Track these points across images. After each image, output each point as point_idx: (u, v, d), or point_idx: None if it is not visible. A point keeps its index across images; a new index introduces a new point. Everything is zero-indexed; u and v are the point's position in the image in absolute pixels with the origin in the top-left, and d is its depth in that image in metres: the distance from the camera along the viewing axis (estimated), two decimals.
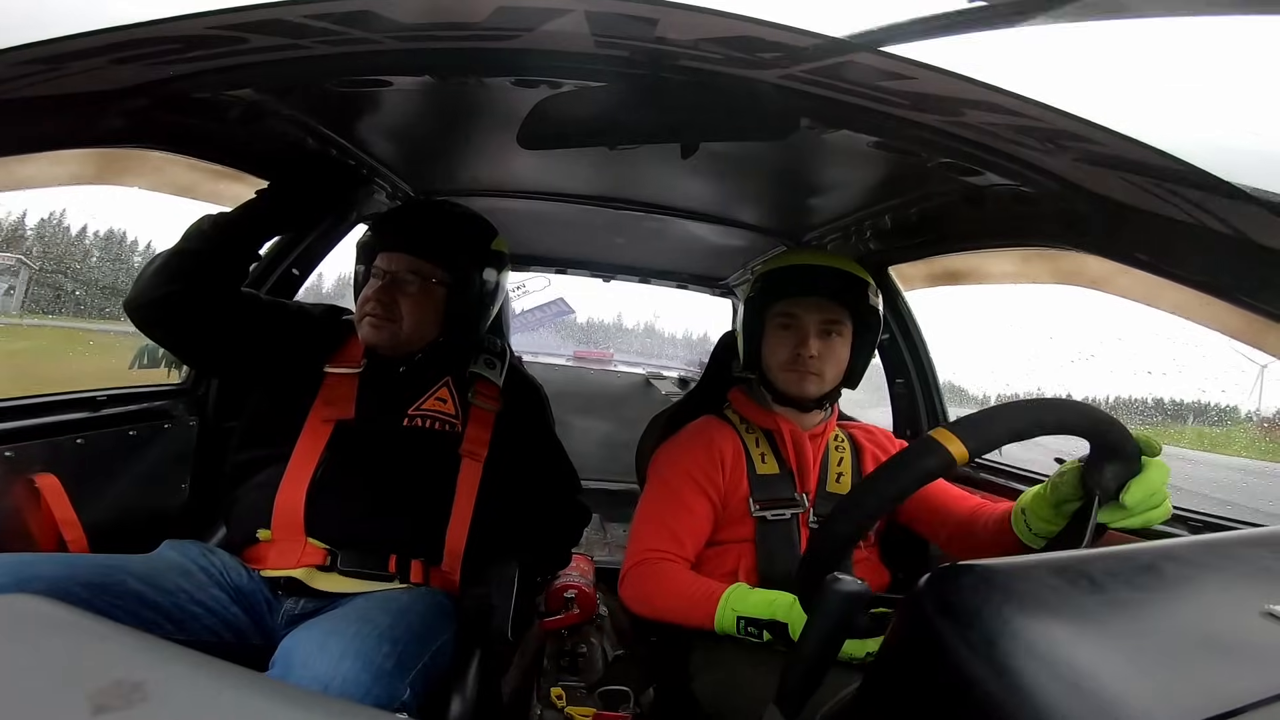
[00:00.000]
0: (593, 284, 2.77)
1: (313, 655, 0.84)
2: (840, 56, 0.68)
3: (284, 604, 1.10)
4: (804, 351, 1.15)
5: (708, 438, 1.22)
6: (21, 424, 1.11)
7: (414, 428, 1.25)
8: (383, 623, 0.93)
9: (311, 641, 0.86)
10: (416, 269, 1.24)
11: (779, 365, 1.19)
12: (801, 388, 1.18)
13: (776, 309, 1.19)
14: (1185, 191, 0.75)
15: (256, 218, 1.20)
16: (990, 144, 0.87)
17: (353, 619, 0.93)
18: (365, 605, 1.01)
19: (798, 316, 1.17)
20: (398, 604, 1.03)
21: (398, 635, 0.92)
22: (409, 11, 0.72)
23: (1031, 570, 0.46)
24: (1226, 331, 0.97)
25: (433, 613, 1.07)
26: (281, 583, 1.10)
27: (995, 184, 1.05)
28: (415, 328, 1.25)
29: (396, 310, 1.23)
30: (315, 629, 0.90)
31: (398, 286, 1.24)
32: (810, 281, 1.18)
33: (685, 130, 0.96)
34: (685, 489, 1.16)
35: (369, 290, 1.25)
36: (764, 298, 1.20)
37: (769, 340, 1.20)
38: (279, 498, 1.14)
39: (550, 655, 1.78)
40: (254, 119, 1.12)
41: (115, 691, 0.29)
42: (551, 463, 1.41)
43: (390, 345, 1.25)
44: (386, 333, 1.23)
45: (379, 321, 1.23)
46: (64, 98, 0.82)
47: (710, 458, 1.19)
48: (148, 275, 1.13)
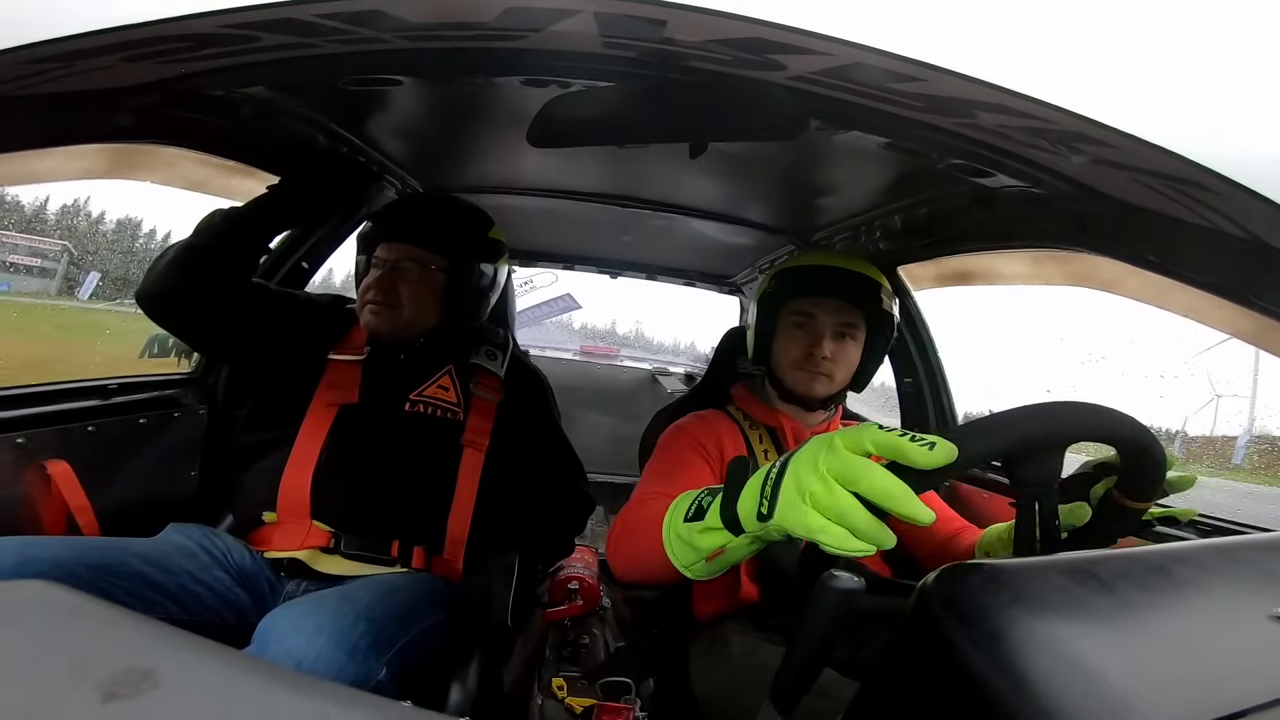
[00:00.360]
0: (600, 280, 2.77)
1: (288, 632, 0.85)
2: (850, 58, 0.68)
3: (286, 586, 1.12)
4: (818, 351, 1.15)
5: (710, 424, 1.23)
6: (34, 411, 1.13)
7: (416, 413, 1.27)
8: (362, 602, 0.94)
9: (288, 620, 0.87)
10: (416, 256, 1.28)
11: (790, 363, 1.18)
12: (810, 387, 1.17)
13: (792, 306, 1.19)
14: (1197, 193, 0.74)
15: (267, 213, 1.22)
16: (1002, 145, 0.87)
17: (332, 598, 0.94)
18: (353, 587, 1.03)
19: (814, 316, 1.17)
20: (387, 586, 1.04)
21: (375, 615, 0.93)
22: (419, 11, 0.72)
23: (1040, 570, 0.46)
24: (1238, 334, 0.96)
25: (422, 597, 1.08)
26: (285, 564, 1.13)
27: (1006, 185, 1.04)
28: (415, 313, 1.29)
29: (397, 296, 1.27)
30: (294, 608, 0.91)
31: (397, 274, 1.27)
32: (830, 282, 1.17)
33: (694, 130, 0.96)
34: (686, 453, 1.16)
35: (370, 279, 1.28)
36: (781, 294, 1.20)
37: (782, 337, 1.20)
38: (284, 480, 1.16)
39: (552, 645, 1.80)
40: (265, 116, 1.13)
41: (126, 679, 0.30)
42: (554, 452, 1.42)
43: (392, 331, 1.29)
44: (387, 319, 1.27)
45: (380, 308, 1.27)
46: (77, 94, 0.83)
47: (710, 436, 1.19)
48: (160, 267, 1.16)
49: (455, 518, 1.24)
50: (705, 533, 0.63)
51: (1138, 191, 0.83)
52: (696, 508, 0.66)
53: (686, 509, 0.67)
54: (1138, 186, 0.81)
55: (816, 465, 0.52)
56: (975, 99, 0.72)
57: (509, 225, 1.37)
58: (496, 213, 1.38)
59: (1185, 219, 0.81)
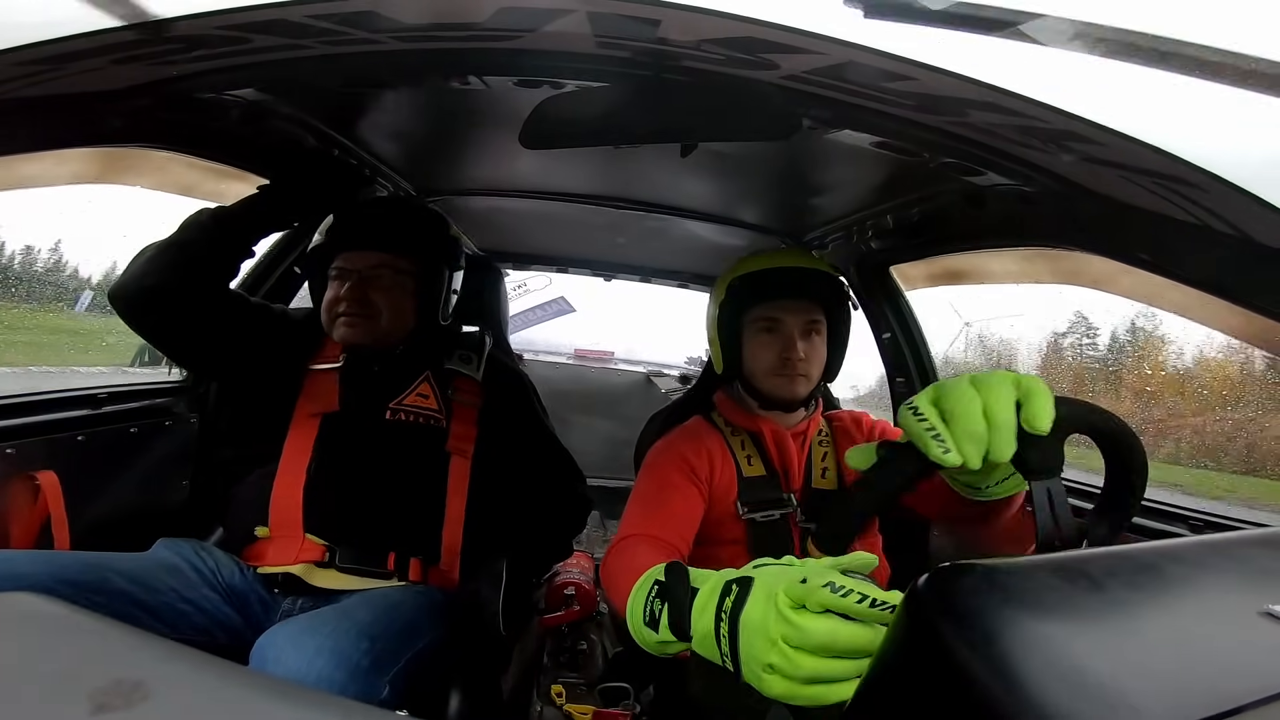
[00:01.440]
0: (594, 283, 2.77)
1: (286, 652, 0.83)
2: (842, 57, 0.68)
3: (282, 603, 1.10)
4: (792, 355, 1.14)
5: (696, 438, 1.22)
6: (23, 421, 1.11)
7: (397, 421, 1.25)
8: (363, 619, 0.92)
9: (286, 639, 0.85)
10: (385, 263, 1.25)
11: (765, 371, 1.17)
12: (792, 390, 1.17)
13: (756, 313, 1.18)
14: (1187, 191, 0.75)
15: (255, 214, 1.20)
16: (993, 144, 0.87)
17: (331, 616, 0.92)
18: (351, 602, 1.00)
19: (781, 320, 1.16)
20: (386, 600, 1.02)
21: (377, 632, 0.91)
22: (411, 12, 0.72)
23: (1031, 569, 0.46)
24: (1228, 331, 0.97)
25: (422, 610, 1.06)
26: (279, 579, 1.10)
27: (997, 184, 1.05)
28: (393, 320, 1.26)
29: (372, 305, 1.24)
30: (292, 626, 0.89)
31: (368, 282, 1.24)
32: (792, 284, 1.17)
33: (687, 130, 0.96)
34: (673, 476, 1.15)
35: (337, 291, 1.24)
36: (741, 302, 1.19)
37: (751, 346, 1.19)
38: (275, 494, 1.14)
39: (550, 652, 1.79)
40: (256, 118, 1.12)
41: (115, 691, 0.29)
42: (543, 453, 1.40)
43: (371, 340, 1.26)
44: (364, 329, 1.24)
45: (355, 319, 1.23)
46: (67, 97, 0.82)
47: (698, 453, 1.18)
48: (139, 264, 1.12)
49: (449, 527, 1.22)
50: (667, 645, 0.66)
51: (1127, 189, 0.84)
52: (650, 613, 0.67)
53: (643, 609, 0.69)
54: (1127, 184, 0.82)
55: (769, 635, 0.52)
56: (966, 97, 0.72)
57: (502, 228, 1.36)
58: (489, 215, 1.37)
59: (1175, 217, 0.81)
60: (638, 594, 0.71)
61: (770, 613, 0.53)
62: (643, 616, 0.68)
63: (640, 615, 0.69)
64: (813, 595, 0.50)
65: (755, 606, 0.54)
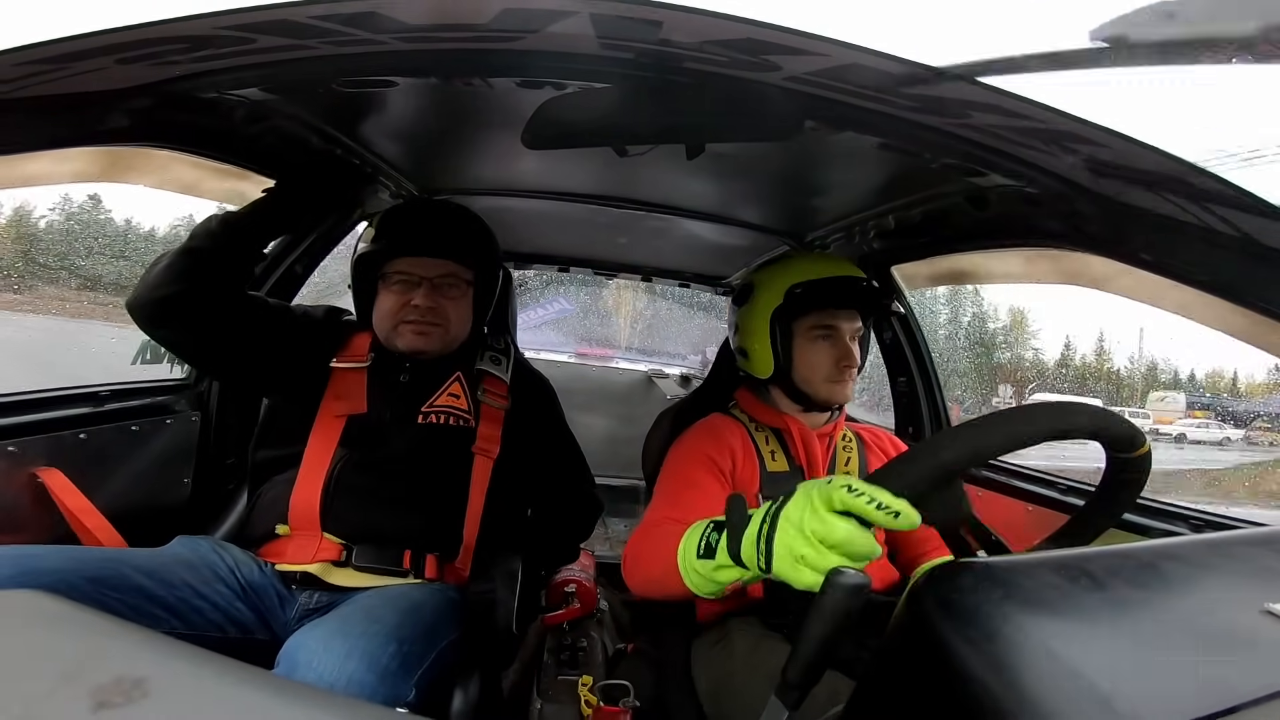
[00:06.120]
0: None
1: (317, 655, 0.84)
2: (845, 59, 0.68)
3: (299, 598, 1.11)
4: (851, 362, 1.20)
5: (718, 431, 1.24)
6: (24, 419, 1.12)
7: (430, 424, 1.25)
8: (390, 621, 0.93)
9: (317, 641, 0.86)
10: (452, 271, 1.25)
11: (823, 377, 1.20)
12: (845, 394, 1.22)
13: (811, 320, 1.20)
14: (1190, 192, 0.75)
15: (264, 216, 1.20)
16: (996, 145, 0.87)
17: (359, 618, 0.93)
18: (375, 602, 1.01)
19: (837, 328, 1.20)
20: (408, 601, 1.03)
21: (404, 635, 0.92)
22: (414, 13, 0.72)
23: (1032, 568, 0.46)
24: (1230, 332, 0.96)
25: (443, 610, 1.07)
26: (297, 577, 1.12)
27: (1000, 184, 1.05)
28: (458, 327, 1.28)
29: (443, 314, 1.24)
30: (321, 628, 0.90)
31: (438, 290, 1.24)
32: (852, 295, 1.21)
33: (690, 132, 0.96)
34: (696, 469, 1.17)
35: (404, 297, 1.23)
36: (798, 309, 1.21)
37: (805, 352, 1.21)
38: (295, 494, 1.15)
39: (550, 649, 1.78)
40: (259, 118, 1.12)
41: (117, 688, 0.30)
42: (565, 457, 1.41)
43: (440, 349, 1.27)
44: (435, 337, 1.25)
45: (427, 328, 1.23)
46: (69, 97, 0.82)
47: (720, 448, 1.20)
48: (154, 274, 1.13)
49: (467, 526, 1.23)
50: (720, 569, 0.72)
51: (1129, 191, 0.84)
52: (705, 545, 0.74)
53: (697, 544, 0.75)
54: (1129, 186, 0.82)
55: (803, 529, 0.60)
56: (969, 99, 0.72)
57: (505, 227, 1.36)
58: (492, 215, 1.37)
59: (1177, 217, 0.81)
60: (691, 534, 0.78)
61: (806, 509, 0.61)
62: (697, 550, 0.75)
63: (694, 550, 0.75)
64: (835, 494, 0.59)
65: (794, 506, 0.63)
